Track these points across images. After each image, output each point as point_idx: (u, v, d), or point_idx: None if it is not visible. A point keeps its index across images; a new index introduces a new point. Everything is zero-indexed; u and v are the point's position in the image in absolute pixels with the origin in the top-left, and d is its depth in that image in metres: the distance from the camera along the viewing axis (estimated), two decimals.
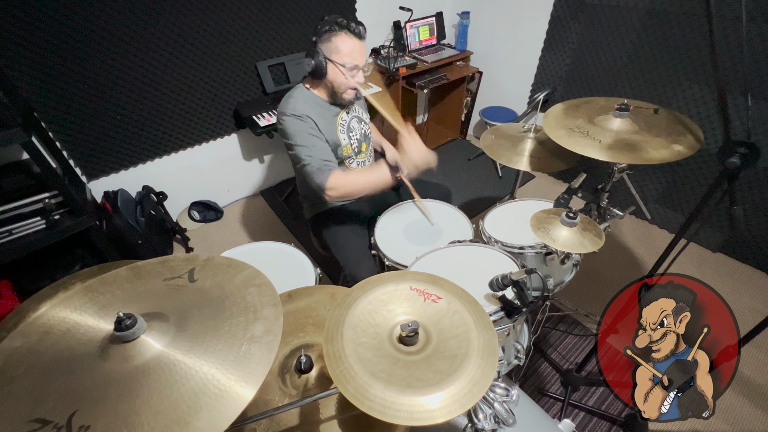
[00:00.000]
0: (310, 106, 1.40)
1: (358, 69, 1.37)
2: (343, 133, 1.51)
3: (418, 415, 0.57)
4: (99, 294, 0.67)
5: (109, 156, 2.12)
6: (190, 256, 0.77)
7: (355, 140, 1.55)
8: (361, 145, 1.58)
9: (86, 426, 0.49)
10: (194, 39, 2.07)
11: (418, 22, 2.84)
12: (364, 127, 1.61)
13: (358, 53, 1.34)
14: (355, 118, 1.56)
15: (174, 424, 0.49)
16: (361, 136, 1.58)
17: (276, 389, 0.86)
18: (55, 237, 1.66)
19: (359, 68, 1.37)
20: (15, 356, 0.58)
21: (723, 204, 0.99)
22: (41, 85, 1.77)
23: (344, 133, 1.51)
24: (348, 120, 1.52)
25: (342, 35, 1.31)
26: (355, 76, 1.38)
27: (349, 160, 1.56)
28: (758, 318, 1.11)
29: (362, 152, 1.60)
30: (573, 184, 1.42)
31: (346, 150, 1.52)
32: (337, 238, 1.54)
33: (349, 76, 1.36)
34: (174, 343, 0.59)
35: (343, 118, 1.51)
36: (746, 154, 0.91)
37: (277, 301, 0.67)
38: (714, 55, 0.89)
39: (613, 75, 2.34)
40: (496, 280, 0.99)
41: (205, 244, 2.49)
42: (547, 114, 1.38)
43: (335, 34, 1.30)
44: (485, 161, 3.10)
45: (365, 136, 1.61)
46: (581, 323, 1.92)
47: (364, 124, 1.62)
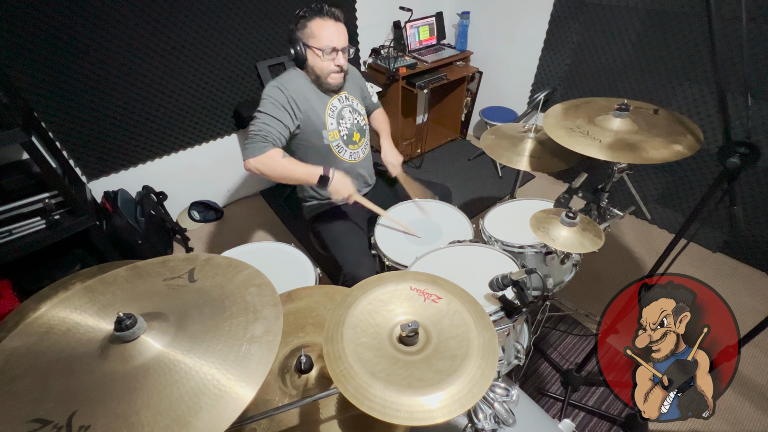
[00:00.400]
0: (302, 83, 1.43)
1: (336, 51, 1.37)
2: (332, 118, 1.50)
3: (418, 415, 0.57)
4: (99, 294, 0.67)
5: (109, 156, 2.12)
6: (190, 255, 0.77)
7: (345, 128, 1.54)
8: (352, 134, 1.57)
9: (86, 426, 0.49)
10: (194, 39, 2.07)
11: (418, 22, 2.84)
12: (358, 118, 1.60)
13: (334, 35, 1.34)
14: (348, 107, 1.55)
15: (174, 424, 0.49)
16: (352, 126, 1.56)
17: (276, 389, 0.86)
18: (55, 237, 1.66)
19: (338, 50, 1.37)
20: (15, 356, 0.58)
21: (723, 204, 0.99)
22: (41, 85, 1.77)
23: (333, 118, 1.50)
24: (339, 107, 1.52)
25: (316, 20, 1.33)
26: (335, 58, 1.38)
27: (339, 149, 1.55)
28: (758, 318, 1.11)
29: (355, 143, 1.59)
30: (573, 184, 1.42)
31: (332, 135, 1.50)
32: (336, 239, 1.54)
33: (328, 59, 1.37)
34: (174, 343, 0.59)
35: (334, 105, 1.50)
36: (746, 154, 0.91)
37: (277, 301, 0.67)
38: (714, 55, 0.89)
39: (613, 75, 2.34)
40: (496, 280, 0.99)
41: (205, 244, 2.49)
42: (547, 114, 1.38)
43: (310, 19, 1.33)
44: (485, 161, 3.11)
45: (359, 127, 1.60)
46: (581, 323, 1.92)
47: (359, 115, 1.60)
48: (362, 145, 1.63)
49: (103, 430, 0.48)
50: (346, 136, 1.56)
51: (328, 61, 1.38)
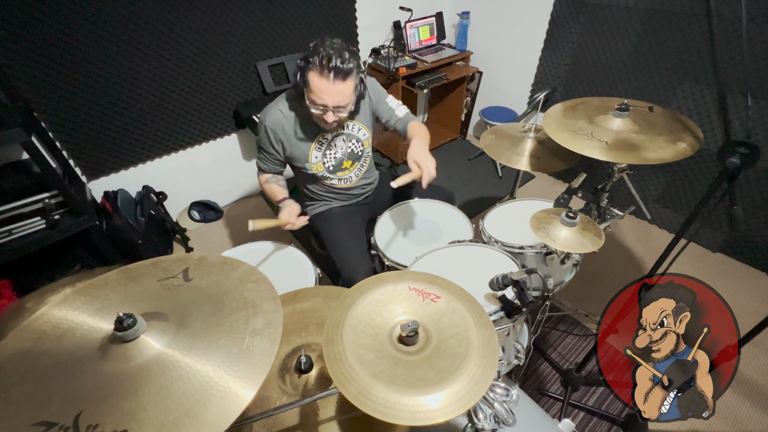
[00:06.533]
0: (287, 120, 1.38)
1: (327, 110, 1.27)
2: (319, 151, 1.45)
3: (421, 414, 0.57)
4: (92, 298, 0.68)
5: (109, 156, 2.12)
6: (183, 256, 0.77)
7: (333, 158, 1.49)
8: (341, 163, 1.52)
9: (94, 425, 0.49)
10: (194, 39, 2.07)
11: (418, 22, 2.84)
12: (353, 146, 1.50)
13: (325, 94, 1.23)
14: (342, 136, 1.47)
15: (184, 417, 0.50)
16: (343, 155, 1.50)
17: (276, 389, 0.86)
18: (55, 237, 1.66)
19: (328, 109, 1.27)
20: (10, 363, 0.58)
21: (723, 204, 0.99)
22: (41, 85, 1.77)
23: (320, 150, 1.45)
24: (330, 138, 1.45)
25: (313, 72, 1.21)
26: (325, 114, 1.28)
27: (325, 177, 1.53)
28: (758, 318, 1.11)
29: (345, 169, 1.54)
30: (573, 184, 1.42)
31: (316, 167, 1.47)
32: (335, 240, 1.54)
33: (316, 111, 1.29)
34: (175, 340, 0.59)
35: (325, 137, 1.44)
36: (746, 154, 0.91)
37: (275, 294, 0.68)
38: (714, 55, 0.89)
39: (613, 75, 2.34)
40: (496, 279, 0.99)
41: (205, 244, 2.49)
42: (547, 114, 1.38)
43: (311, 68, 1.21)
44: (485, 161, 3.10)
45: (352, 154, 1.52)
46: (581, 323, 1.92)
47: (356, 142, 1.51)
48: (354, 169, 1.57)
49: (112, 428, 0.49)
50: (333, 166, 1.51)
51: (317, 114, 1.30)
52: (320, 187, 1.59)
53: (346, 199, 1.65)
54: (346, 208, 1.65)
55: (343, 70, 1.20)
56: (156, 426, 0.49)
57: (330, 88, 1.22)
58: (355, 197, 1.66)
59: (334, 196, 1.62)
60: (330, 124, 1.32)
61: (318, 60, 1.19)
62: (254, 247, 1.49)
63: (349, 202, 1.66)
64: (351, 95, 1.28)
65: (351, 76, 1.24)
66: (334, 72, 1.19)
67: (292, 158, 1.47)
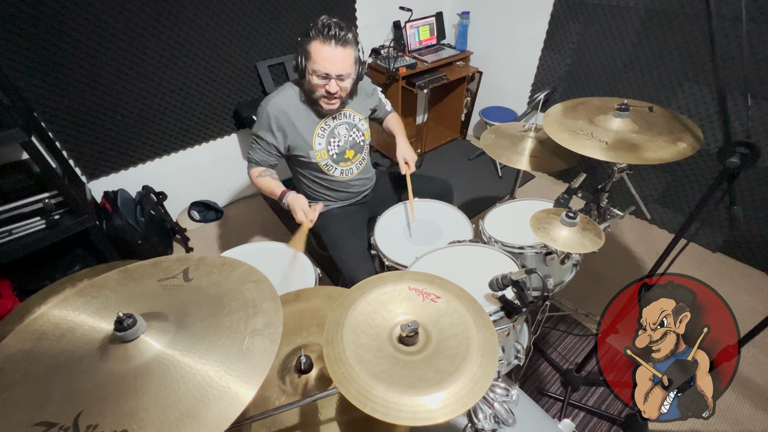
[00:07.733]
0: (290, 103, 1.41)
1: (329, 78, 1.30)
2: (322, 138, 1.46)
3: (421, 415, 0.57)
4: (92, 298, 0.68)
5: (109, 156, 2.12)
6: (183, 256, 0.77)
7: (336, 146, 1.50)
8: (344, 152, 1.53)
9: (94, 425, 0.49)
10: (194, 39, 2.07)
11: (418, 22, 2.84)
12: (355, 135, 1.54)
13: (329, 62, 1.26)
14: (345, 124, 1.50)
15: (184, 417, 0.50)
16: (345, 143, 1.52)
17: (276, 389, 0.86)
18: (55, 237, 1.66)
19: (331, 77, 1.29)
20: (10, 363, 0.58)
21: (723, 204, 0.99)
22: (41, 85, 1.77)
23: (323, 137, 1.47)
24: (333, 125, 1.48)
25: (315, 42, 1.25)
26: (327, 84, 1.31)
27: (328, 167, 1.52)
28: (758, 318, 1.11)
29: (348, 160, 1.55)
30: (573, 184, 1.42)
31: (320, 155, 1.48)
32: (335, 240, 1.54)
33: (320, 82, 1.31)
34: (175, 340, 0.59)
35: (327, 123, 1.46)
36: (746, 154, 0.91)
37: (275, 295, 0.68)
38: (714, 55, 0.89)
39: (613, 75, 2.34)
40: (496, 280, 0.99)
41: (205, 244, 2.49)
42: (547, 114, 1.38)
43: (312, 38, 1.25)
44: (485, 161, 3.11)
45: (354, 143, 1.55)
46: (581, 323, 1.92)
47: (357, 131, 1.54)
48: (356, 161, 1.58)
49: (112, 428, 0.49)
50: (336, 154, 1.52)
51: (319, 85, 1.32)
52: (320, 183, 1.58)
53: (345, 198, 1.65)
54: (346, 208, 1.65)
55: (343, 38, 1.26)
56: (156, 426, 0.49)
57: (332, 53, 1.26)
58: (354, 195, 1.66)
59: (333, 194, 1.62)
60: (332, 96, 1.35)
61: (319, 28, 1.25)
62: (254, 247, 1.49)
63: (348, 201, 1.66)
64: (352, 65, 1.33)
65: (351, 46, 1.29)
66: (335, 38, 1.25)
67: (294, 147, 1.46)
